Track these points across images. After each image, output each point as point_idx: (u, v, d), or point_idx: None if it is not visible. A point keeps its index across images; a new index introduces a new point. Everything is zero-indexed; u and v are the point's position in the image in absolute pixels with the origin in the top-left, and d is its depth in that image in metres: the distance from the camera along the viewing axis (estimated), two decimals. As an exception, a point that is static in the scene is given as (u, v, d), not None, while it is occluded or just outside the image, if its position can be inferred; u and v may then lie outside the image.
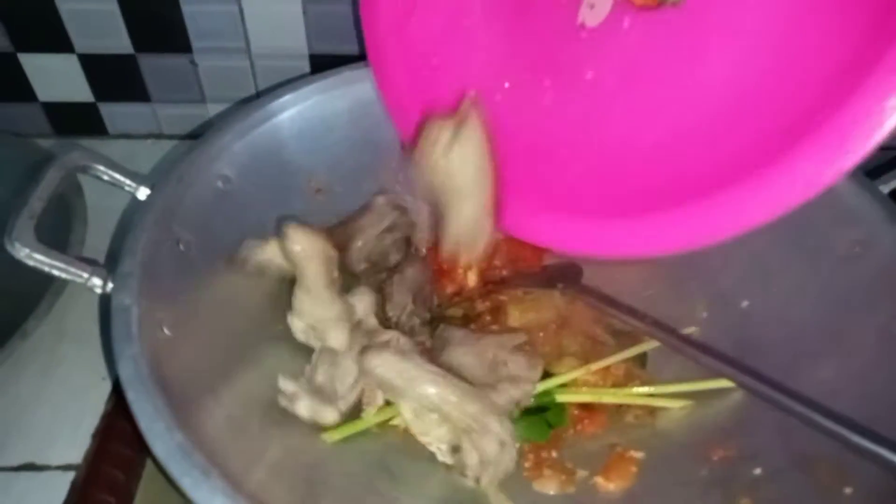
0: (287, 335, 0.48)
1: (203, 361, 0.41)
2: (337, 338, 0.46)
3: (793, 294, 0.50)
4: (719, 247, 0.55)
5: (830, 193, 0.50)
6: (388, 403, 0.46)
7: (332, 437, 0.44)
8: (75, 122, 0.74)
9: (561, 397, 0.48)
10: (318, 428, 0.44)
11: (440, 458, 0.44)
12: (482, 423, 0.41)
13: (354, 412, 0.46)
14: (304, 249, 0.44)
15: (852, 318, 0.46)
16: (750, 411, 0.45)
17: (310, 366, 0.47)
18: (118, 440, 0.49)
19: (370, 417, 0.46)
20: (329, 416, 0.44)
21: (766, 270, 0.53)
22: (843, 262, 0.49)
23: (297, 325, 0.47)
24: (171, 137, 0.75)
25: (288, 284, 0.49)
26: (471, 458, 0.41)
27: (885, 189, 0.51)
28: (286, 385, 0.44)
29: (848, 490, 0.36)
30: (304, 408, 0.43)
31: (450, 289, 0.58)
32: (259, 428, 0.41)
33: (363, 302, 0.49)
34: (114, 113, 0.74)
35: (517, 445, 0.43)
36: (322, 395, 0.44)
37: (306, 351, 0.48)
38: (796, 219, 0.52)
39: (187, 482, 0.31)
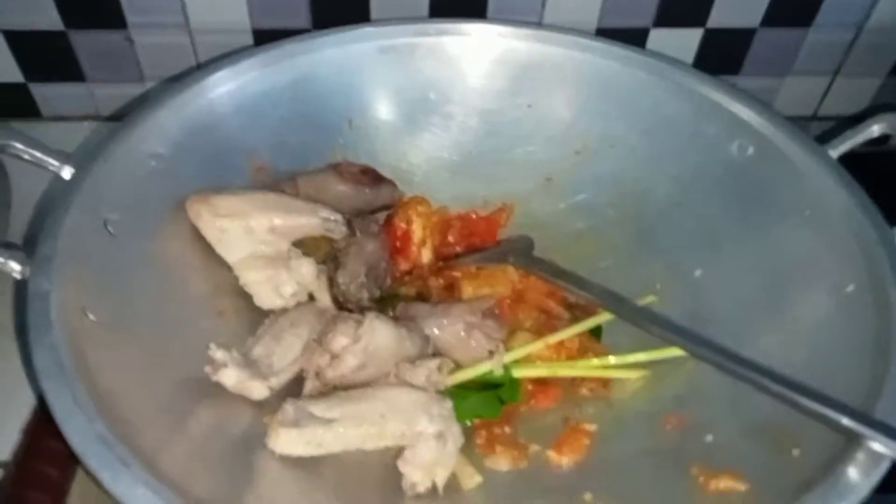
0: (223, 317, 0.46)
1: (133, 347, 0.39)
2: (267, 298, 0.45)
3: (743, 262, 0.50)
4: (671, 217, 0.56)
5: (780, 157, 0.51)
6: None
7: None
8: (5, 104, 0.70)
9: (517, 372, 0.47)
10: (256, 411, 0.42)
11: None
12: (412, 431, 0.40)
13: (290, 389, 0.44)
14: None
15: (801, 284, 0.46)
16: (703, 380, 0.45)
17: (252, 337, 0.45)
18: (51, 435, 0.46)
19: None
20: (257, 391, 0.42)
21: (716, 239, 0.52)
22: (792, 228, 0.49)
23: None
24: (109, 119, 0.72)
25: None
26: (413, 475, 0.40)
27: (835, 154, 0.51)
28: (216, 353, 0.41)
29: (796, 452, 0.36)
30: (230, 378, 0.41)
31: (403, 266, 0.57)
32: (191, 414, 0.39)
33: (304, 266, 0.48)
34: (47, 94, 0.70)
35: (467, 423, 0.42)
36: (254, 368, 0.42)
37: (247, 327, 0.46)
38: (744, 184, 0.53)
39: (107, 476, 0.29)
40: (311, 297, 0.50)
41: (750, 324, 0.45)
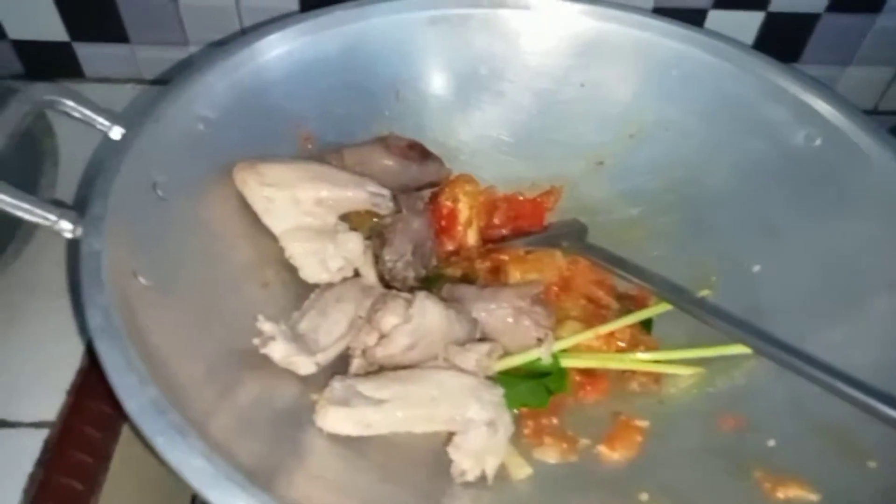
0: (268, 288, 0.45)
1: (182, 311, 0.38)
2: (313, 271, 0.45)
3: (805, 256, 0.48)
4: (728, 207, 0.54)
5: (852, 149, 0.49)
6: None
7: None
8: (49, 63, 0.69)
9: (565, 362, 0.46)
10: (302, 386, 0.41)
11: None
12: (462, 416, 0.39)
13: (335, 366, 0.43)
14: None
15: (869, 280, 0.44)
16: (760, 379, 0.43)
17: (298, 311, 0.44)
18: (95, 397, 0.46)
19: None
20: (304, 366, 0.41)
21: (776, 231, 0.50)
22: (860, 222, 0.47)
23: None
24: (152, 83, 0.71)
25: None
26: (463, 462, 0.39)
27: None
28: (264, 325, 0.41)
29: (872, 464, 0.34)
30: (278, 351, 0.41)
31: (449, 246, 0.55)
32: (238, 384, 0.38)
33: (351, 241, 0.47)
34: (90, 54, 0.69)
35: (513, 412, 0.41)
36: (301, 343, 0.41)
37: (291, 300, 0.45)
38: (809, 175, 0.50)
39: (161, 442, 0.29)
40: (357, 273, 0.49)
41: (813, 321, 0.44)
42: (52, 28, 0.66)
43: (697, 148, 0.56)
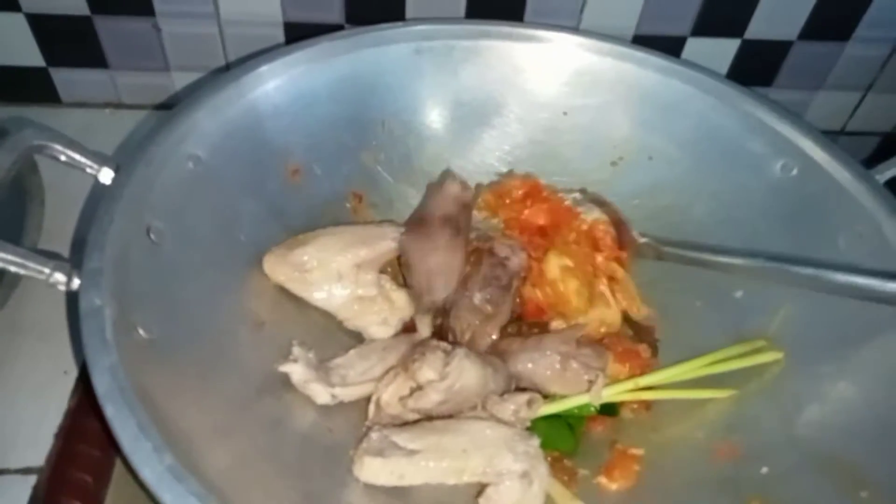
0: (266, 324, 0.45)
1: (184, 364, 0.38)
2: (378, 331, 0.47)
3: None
4: (711, 235, 0.55)
5: (827, 180, 0.50)
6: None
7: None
8: (25, 88, 0.67)
9: (618, 396, 0.46)
10: (322, 435, 0.42)
11: None
12: (494, 469, 0.39)
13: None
14: None
15: (848, 310, 0.46)
16: (750, 406, 0.44)
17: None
18: (84, 440, 0.46)
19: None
20: (320, 395, 0.42)
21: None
22: (833, 250, 0.49)
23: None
24: (130, 107, 0.70)
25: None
26: None
27: (881, 178, 0.50)
28: (294, 348, 0.43)
29: (864, 494, 0.36)
30: (297, 373, 0.42)
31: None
32: (249, 437, 0.38)
33: (402, 298, 0.49)
34: (68, 80, 0.68)
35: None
36: (323, 373, 0.42)
37: (287, 338, 0.45)
38: (789, 205, 0.52)
39: None
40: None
41: (800, 350, 0.45)
42: (27, 53, 0.65)
43: (681, 176, 0.57)
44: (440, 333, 0.49)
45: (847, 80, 0.72)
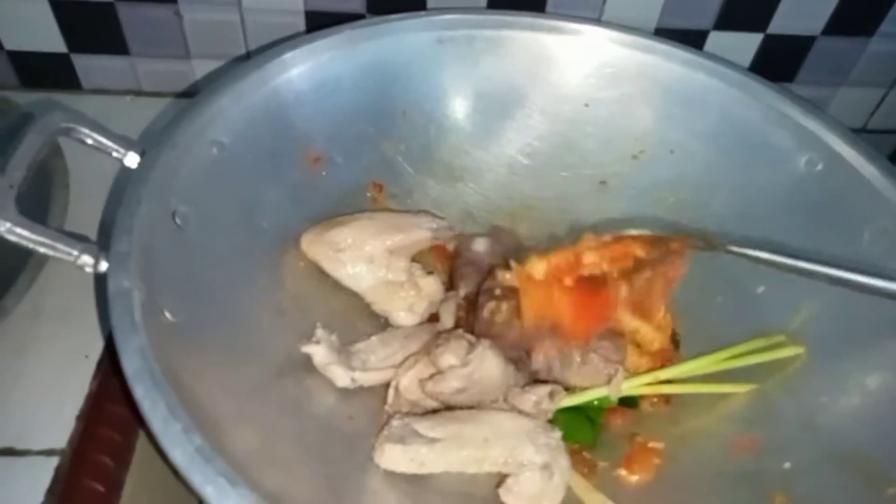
0: (287, 311, 0.45)
1: (209, 347, 0.38)
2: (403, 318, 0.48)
3: (809, 281, 0.49)
4: (732, 229, 0.54)
5: (853, 175, 0.50)
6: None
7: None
8: (46, 74, 0.68)
9: (640, 389, 0.46)
10: (343, 421, 0.42)
11: None
12: (515, 459, 0.39)
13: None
14: None
15: (871, 308, 0.45)
16: (770, 399, 0.44)
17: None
18: (105, 424, 0.46)
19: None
20: (340, 378, 0.43)
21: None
22: (858, 247, 0.48)
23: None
24: (150, 95, 0.70)
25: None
26: (510, 502, 0.39)
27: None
28: (318, 330, 0.44)
29: (892, 490, 0.36)
30: (318, 354, 0.43)
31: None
32: (271, 421, 0.38)
33: (431, 285, 0.50)
34: (89, 66, 0.68)
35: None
36: (344, 357, 0.43)
37: (310, 325, 0.45)
38: (813, 200, 0.51)
39: (211, 491, 0.28)
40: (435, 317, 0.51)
41: (821, 346, 0.45)
42: (49, 39, 0.65)
43: (702, 170, 0.57)
44: (464, 326, 0.49)
45: (870, 77, 0.71)
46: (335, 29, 0.55)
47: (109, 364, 0.48)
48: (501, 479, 0.41)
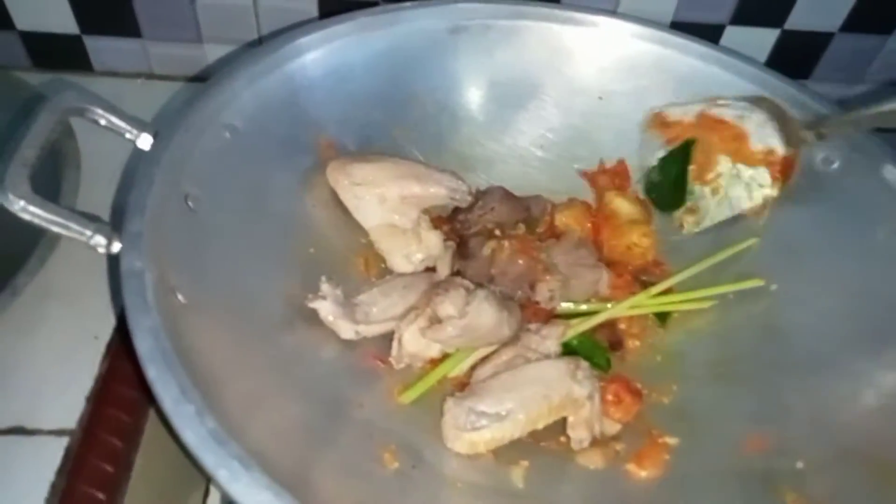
0: (295, 296, 0.45)
1: (220, 329, 0.38)
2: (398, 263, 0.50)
3: (823, 279, 0.49)
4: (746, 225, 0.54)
5: (868, 172, 0.49)
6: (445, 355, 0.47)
7: (408, 397, 0.44)
8: (57, 55, 0.67)
9: (634, 311, 0.50)
10: (353, 409, 0.42)
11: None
12: (571, 400, 0.42)
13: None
14: None
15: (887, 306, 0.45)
16: (778, 393, 0.44)
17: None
18: (114, 405, 0.46)
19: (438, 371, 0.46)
20: (345, 331, 0.44)
21: (794, 252, 0.51)
22: (874, 245, 0.48)
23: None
24: (161, 78, 0.70)
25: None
26: (583, 435, 0.43)
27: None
28: (324, 285, 0.45)
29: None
30: (324, 309, 0.44)
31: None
32: (287, 401, 0.38)
33: (432, 239, 0.51)
34: (100, 48, 0.68)
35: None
36: (349, 309, 0.44)
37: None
38: (828, 197, 0.51)
39: (224, 475, 0.28)
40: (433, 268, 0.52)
41: (835, 344, 0.44)
42: (62, 20, 0.65)
43: (716, 165, 0.56)
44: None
45: (887, 75, 0.71)
46: (349, 15, 0.54)
47: (119, 346, 0.48)
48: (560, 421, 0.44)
